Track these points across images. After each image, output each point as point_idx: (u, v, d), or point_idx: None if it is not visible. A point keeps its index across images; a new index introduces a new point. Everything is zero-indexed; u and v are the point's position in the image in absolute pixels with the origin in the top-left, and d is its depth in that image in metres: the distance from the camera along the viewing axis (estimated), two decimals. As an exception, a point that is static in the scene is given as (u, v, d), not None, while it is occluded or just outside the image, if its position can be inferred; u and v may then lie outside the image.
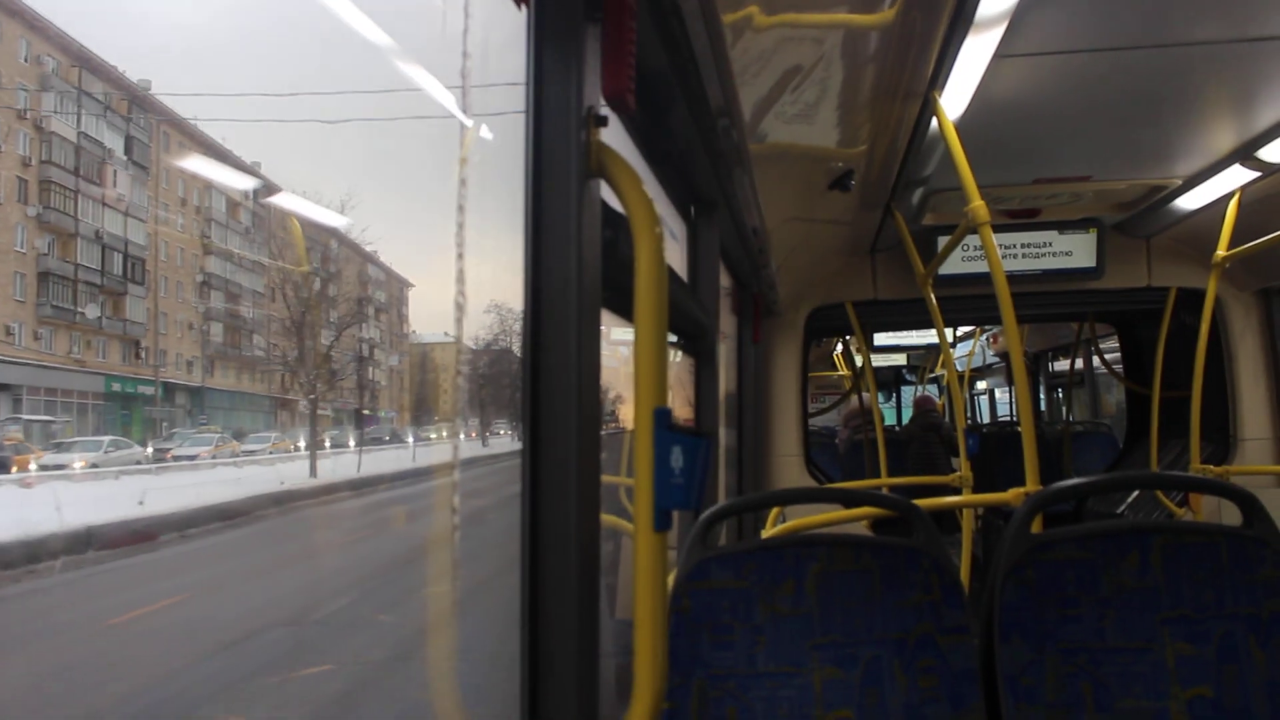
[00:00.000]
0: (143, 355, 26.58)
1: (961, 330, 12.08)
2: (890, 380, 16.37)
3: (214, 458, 23.65)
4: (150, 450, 24.13)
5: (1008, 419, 13.30)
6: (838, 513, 3.46)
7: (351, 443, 32.26)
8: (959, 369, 14.78)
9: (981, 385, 16.11)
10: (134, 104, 25.66)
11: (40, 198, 22.41)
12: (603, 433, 1.50)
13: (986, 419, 15.69)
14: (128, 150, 25.24)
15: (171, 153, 27.49)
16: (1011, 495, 3.40)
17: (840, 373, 13.31)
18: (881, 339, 12.26)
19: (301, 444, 29.14)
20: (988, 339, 12.54)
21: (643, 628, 1.33)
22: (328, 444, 31.07)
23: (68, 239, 23.34)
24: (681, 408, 3.51)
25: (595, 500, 1.43)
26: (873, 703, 2.28)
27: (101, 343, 25.26)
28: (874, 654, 2.30)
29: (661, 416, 1.30)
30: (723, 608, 2.31)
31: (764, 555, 2.35)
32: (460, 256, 1.61)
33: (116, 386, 25.11)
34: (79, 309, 23.70)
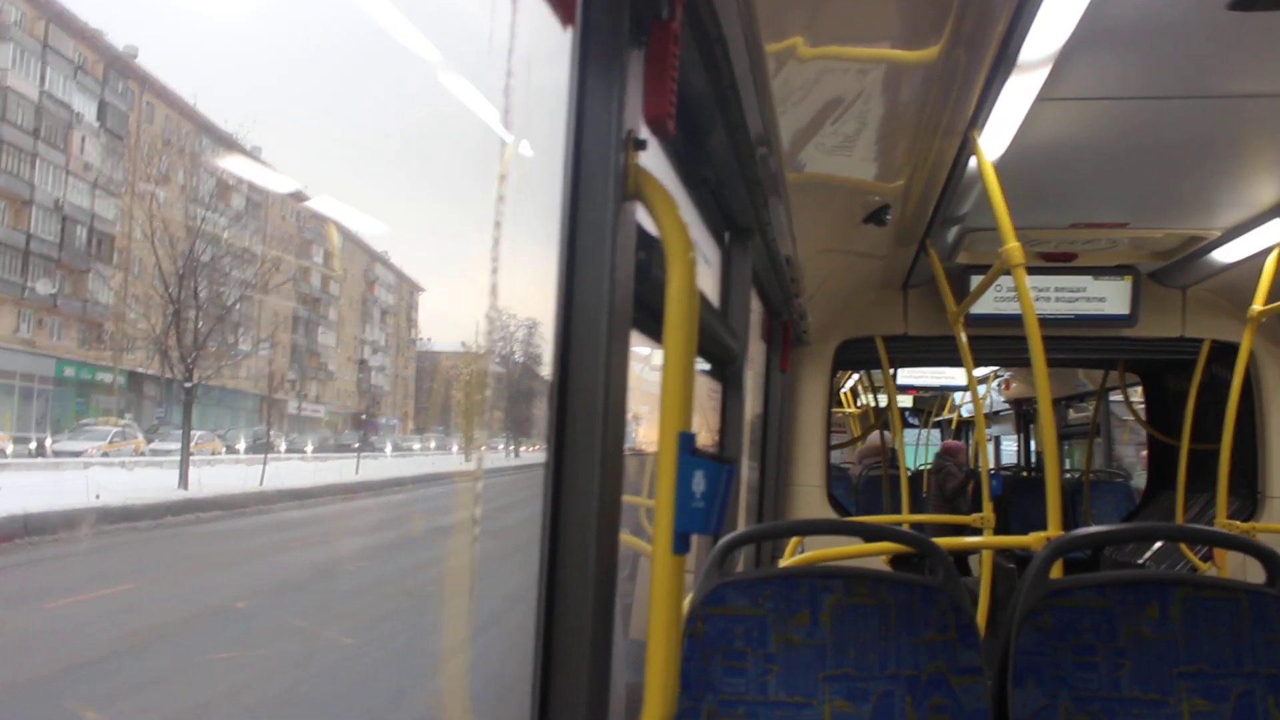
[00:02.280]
0: (106, 340, 23.59)
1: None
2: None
3: (105, 455, 19.71)
4: (43, 443, 20.33)
5: (1012, 466, 13.19)
6: (857, 547, 3.45)
7: (309, 448, 29.19)
8: (965, 415, 14.74)
9: (988, 433, 15.99)
10: (112, 69, 23.68)
11: None
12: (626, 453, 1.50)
13: (990, 466, 15.50)
14: (101, 117, 22.69)
15: (155, 126, 25.48)
16: (1033, 539, 3.38)
17: (846, 410, 13.20)
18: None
19: (241, 446, 24.56)
20: (999, 384, 12.47)
21: (655, 649, 1.34)
22: (283, 448, 28.09)
23: (21, 206, 21.08)
24: (706, 431, 3.51)
25: (615, 519, 1.44)
26: None
27: (57, 323, 22.54)
28: (886, 689, 2.30)
29: (685, 440, 1.30)
30: (736, 634, 2.31)
31: (781, 584, 2.35)
32: (495, 270, 1.62)
33: (70, 371, 22.73)
34: (29, 283, 21.04)
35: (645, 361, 2.37)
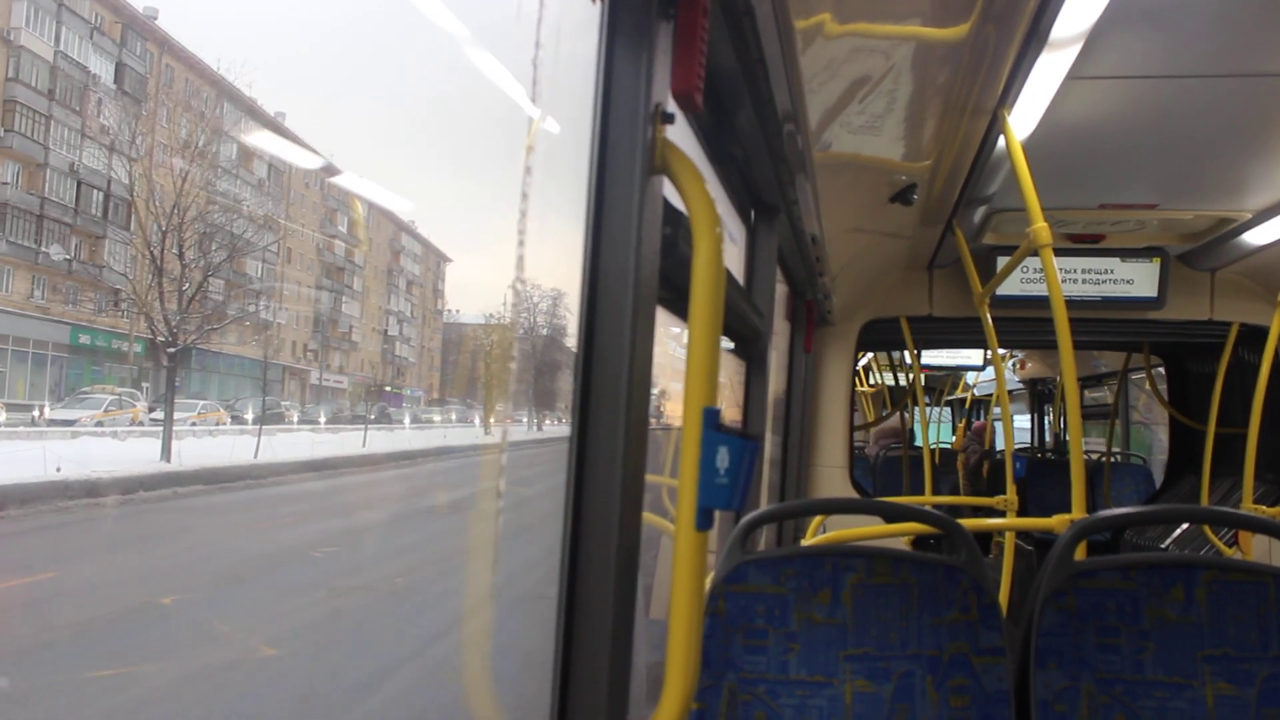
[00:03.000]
0: (122, 307, 22.58)
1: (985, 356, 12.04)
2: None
3: (99, 424, 18.53)
4: (43, 411, 19.16)
5: (1024, 445, 13.17)
6: (880, 527, 3.44)
7: (322, 419, 27.90)
8: (977, 394, 14.76)
9: (997, 411, 16.09)
10: (131, 30, 22.72)
11: (2, 119, 19.74)
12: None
13: (1000, 445, 15.62)
14: (118, 79, 21.92)
15: (175, 89, 24.62)
16: (1056, 521, 3.36)
17: (858, 389, 13.21)
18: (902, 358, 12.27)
19: (250, 416, 23.38)
20: (1014, 364, 12.44)
21: (677, 625, 1.33)
22: (295, 419, 26.75)
23: (35, 169, 20.35)
24: (728, 410, 3.50)
25: (638, 496, 1.43)
26: (902, 718, 2.27)
27: (72, 289, 21.63)
28: (907, 669, 2.29)
29: (710, 416, 1.30)
30: (758, 612, 2.31)
31: (803, 562, 2.35)
32: (521, 244, 1.62)
33: (85, 339, 21.80)
34: (41, 248, 20.31)
35: (677, 340, 2.36)
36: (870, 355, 11.35)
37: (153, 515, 13.70)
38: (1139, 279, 5.13)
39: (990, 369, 12.48)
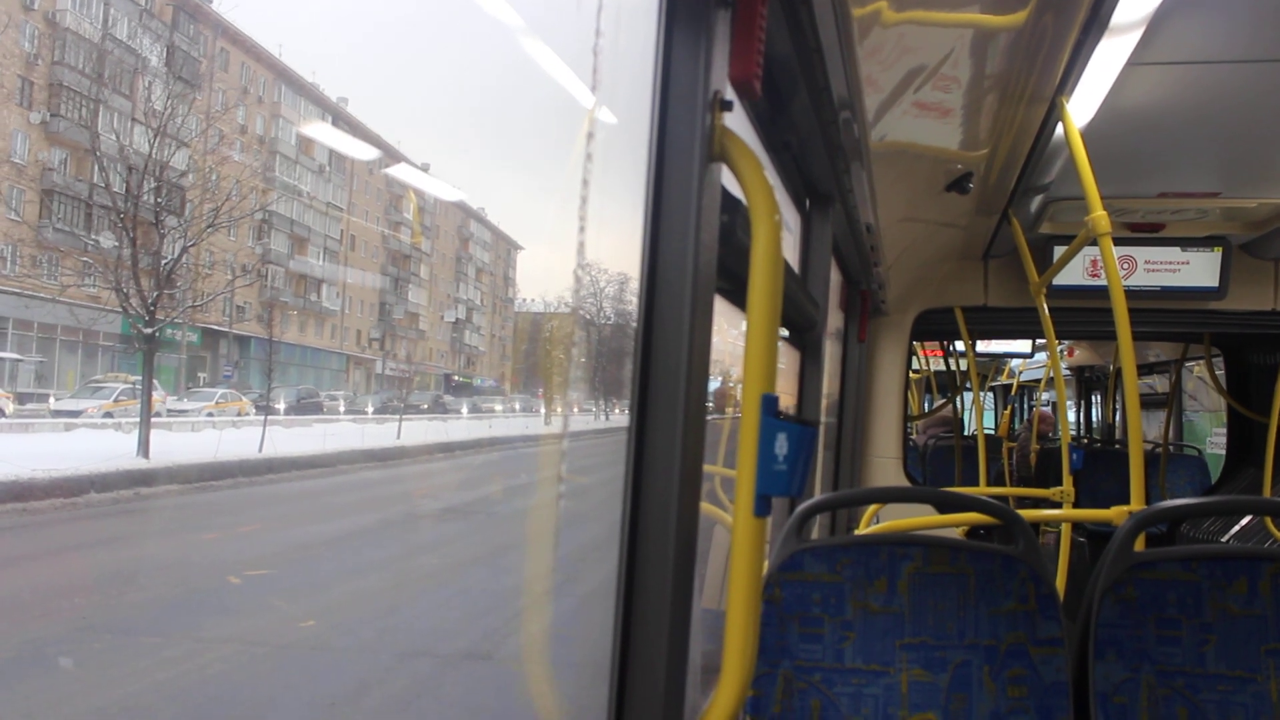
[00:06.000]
0: (177, 296, 22.58)
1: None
2: (946, 386, 16.50)
3: (108, 415, 16.74)
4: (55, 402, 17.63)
5: (1074, 435, 13.06)
6: (935, 517, 3.43)
7: (369, 409, 26.25)
8: (1023, 381, 14.70)
9: (1045, 397, 16.10)
10: (183, 13, 21.36)
11: (49, 103, 18.94)
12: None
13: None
14: (169, 62, 21.20)
15: (230, 73, 23.17)
16: (1114, 513, 3.34)
17: None
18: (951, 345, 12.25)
19: (282, 406, 22.36)
20: (1061, 351, 12.36)
21: (735, 612, 1.34)
22: (341, 409, 25.70)
23: (83, 155, 19.63)
24: (783, 399, 3.49)
25: (697, 485, 1.44)
26: (959, 708, 2.26)
27: (125, 277, 21.86)
28: (964, 659, 2.29)
29: (769, 402, 1.30)
30: (813, 600, 2.32)
31: (859, 551, 2.35)
32: (582, 229, 1.63)
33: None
34: (91, 235, 19.52)
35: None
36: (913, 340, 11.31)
37: (74, 525, 11.11)
38: (1200, 268, 5.05)
39: (1037, 355, 12.41)
